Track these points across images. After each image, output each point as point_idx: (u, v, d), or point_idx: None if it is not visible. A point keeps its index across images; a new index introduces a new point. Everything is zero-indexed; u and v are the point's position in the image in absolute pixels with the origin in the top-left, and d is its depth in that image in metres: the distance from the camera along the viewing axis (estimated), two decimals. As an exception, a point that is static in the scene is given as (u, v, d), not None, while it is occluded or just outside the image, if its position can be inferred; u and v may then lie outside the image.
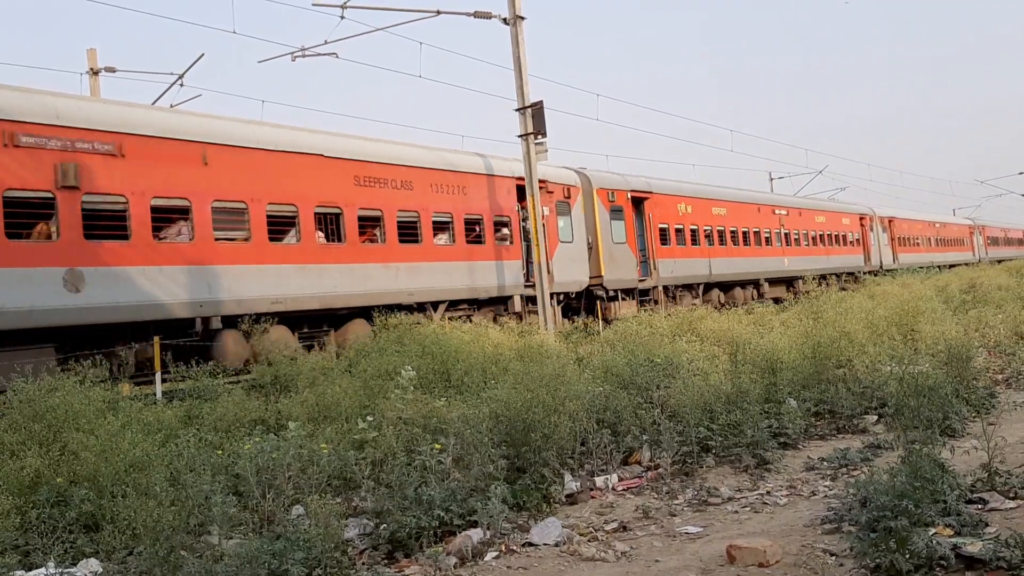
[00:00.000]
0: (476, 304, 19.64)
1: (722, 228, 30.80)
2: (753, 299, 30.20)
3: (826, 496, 7.18)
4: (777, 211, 35.53)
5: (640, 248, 25.75)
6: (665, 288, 26.57)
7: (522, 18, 18.91)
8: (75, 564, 6.05)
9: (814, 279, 35.16)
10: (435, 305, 18.36)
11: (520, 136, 19.13)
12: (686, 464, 8.22)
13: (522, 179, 20.43)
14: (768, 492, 7.53)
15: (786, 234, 35.90)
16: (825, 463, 8.27)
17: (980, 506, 6.12)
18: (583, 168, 24.67)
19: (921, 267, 42.34)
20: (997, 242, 77.63)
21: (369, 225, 17.47)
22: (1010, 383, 11.98)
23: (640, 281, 25.12)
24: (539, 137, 19.13)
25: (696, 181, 32.66)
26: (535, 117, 18.95)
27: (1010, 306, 17.94)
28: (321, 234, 16.42)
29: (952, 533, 5.42)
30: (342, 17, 18.68)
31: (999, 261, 61.10)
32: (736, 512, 7.03)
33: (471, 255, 19.48)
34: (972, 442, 7.35)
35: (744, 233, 32.41)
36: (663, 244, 26.75)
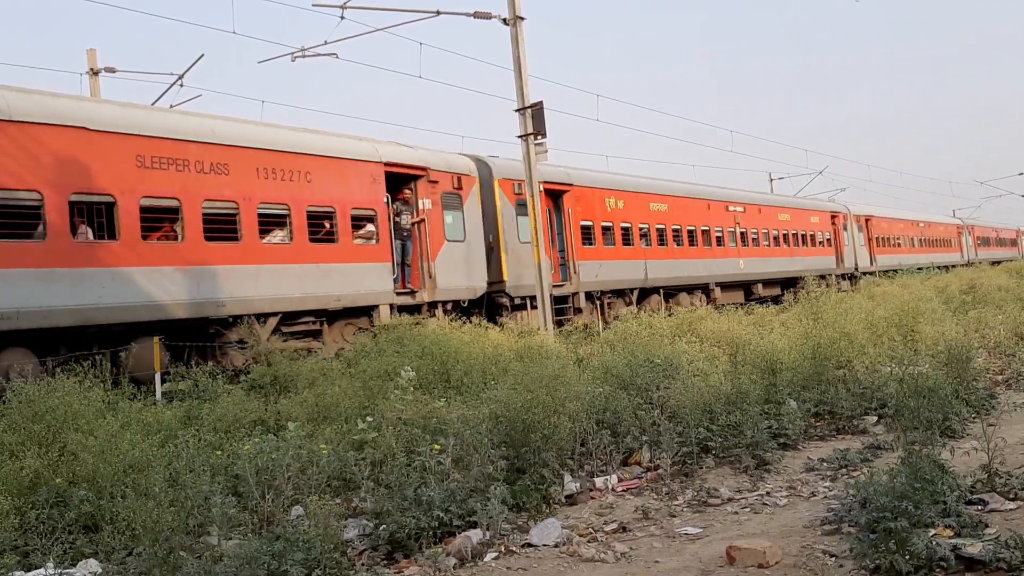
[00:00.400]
0: (326, 317, 16.26)
1: (662, 226, 27.30)
2: (702, 306, 25.35)
3: (826, 497, 7.17)
4: (731, 207, 32.04)
5: (560, 249, 22.52)
6: (589, 295, 23.11)
7: (522, 18, 18.90)
8: (74, 565, 6.05)
9: (776, 283, 33.09)
10: (262, 318, 14.99)
11: (520, 137, 19.12)
12: (686, 465, 8.21)
13: (394, 165, 17.96)
14: (768, 493, 7.53)
15: (742, 233, 32.42)
16: (825, 464, 8.26)
17: (980, 507, 6.12)
18: (484, 155, 21.42)
19: (901, 270, 39.78)
20: (988, 243, 74.54)
21: (161, 218, 14.05)
22: (1010, 384, 11.98)
23: (556, 287, 21.35)
24: (539, 138, 19.12)
25: (633, 173, 28.51)
26: (535, 118, 18.94)
27: (1010, 307, 17.93)
28: (88, 230, 13.16)
29: (952, 534, 5.42)
30: (342, 17, 18.67)
31: (994, 263, 58.50)
32: (736, 513, 7.02)
33: (317, 256, 16.04)
34: (972, 443, 7.34)
35: (690, 232, 28.99)
36: (586, 244, 23.36)
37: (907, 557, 4.95)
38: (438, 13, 19.02)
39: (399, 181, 18.36)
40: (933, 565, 4.96)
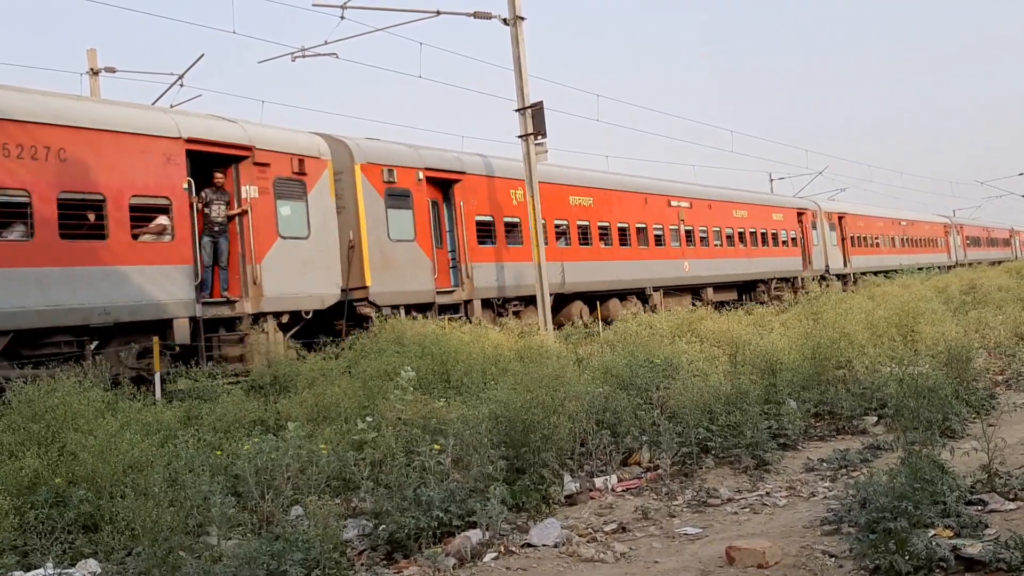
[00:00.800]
0: (92, 335, 12.61)
1: (585, 223, 23.98)
2: (640, 313, 21.09)
3: (825, 497, 7.17)
4: (674, 202, 28.60)
5: (450, 249, 19.50)
6: (487, 302, 19.92)
7: (522, 19, 18.92)
8: (74, 565, 6.04)
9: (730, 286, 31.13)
10: None
11: (520, 137, 19.12)
12: (686, 465, 8.21)
13: (200, 142, 14.21)
14: (767, 493, 7.52)
15: (687, 231, 29.00)
16: (825, 464, 8.26)
17: (980, 507, 6.11)
18: (343, 135, 17.88)
19: (879, 271, 37.16)
20: (979, 242, 70.21)
21: None
22: (1010, 384, 11.97)
23: (443, 293, 18.61)
24: (539, 138, 19.13)
25: (551, 163, 22.70)
26: (535, 118, 18.95)
27: (1010, 307, 17.93)
28: None
29: (952, 534, 5.41)
30: (342, 17, 18.69)
31: (996, 263, 55.52)
32: (735, 513, 7.02)
33: (70, 258, 12.17)
34: (972, 443, 7.33)
35: (621, 230, 25.59)
36: (484, 243, 20.17)
37: (907, 557, 4.95)
38: (438, 13, 19.04)
39: (211, 163, 14.71)
40: (933, 565, 4.96)
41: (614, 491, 7.78)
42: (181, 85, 22.61)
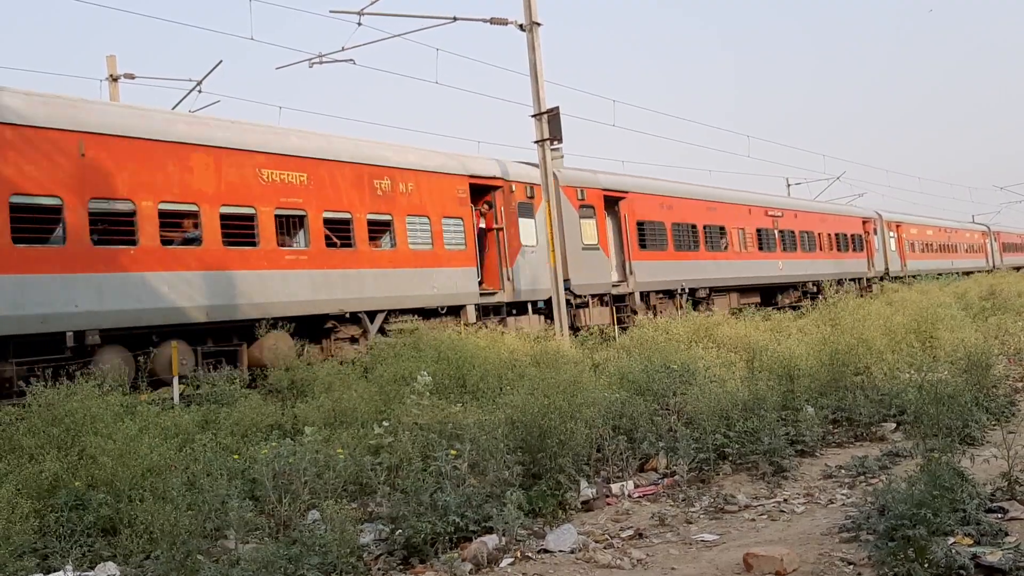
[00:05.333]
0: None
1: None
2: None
3: (844, 504, 7.13)
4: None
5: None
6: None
7: (538, 24, 18.92)
8: (93, 568, 6.08)
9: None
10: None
11: (536, 142, 19.13)
12: (703, 471, 8.18)
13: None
14: (785, 500, 7.49)
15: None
16: (843, 471, 8.22)
17: (1000, 515, 6.07)
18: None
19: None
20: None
21: None
22: (1030, 391, 11.87)
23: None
24: (555, 143, 19.12)
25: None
26: (551, 123, 18.93)
27: (1030, 313, 17.80)
28: None
29: (971, 542, 5.38)
30: (359, 24, 18.72)
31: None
32: (753, 520, 6.99)
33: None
34: (992, 450, 7.28)
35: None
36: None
37: (926, 565, 4.92)
38: (455, 19, 19.08)
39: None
40: (952, 573, 4.93)
41: (631, 497, 7.76)
42: (199, 91, 22.79)
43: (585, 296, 21.37)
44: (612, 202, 23.49)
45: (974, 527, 5.58)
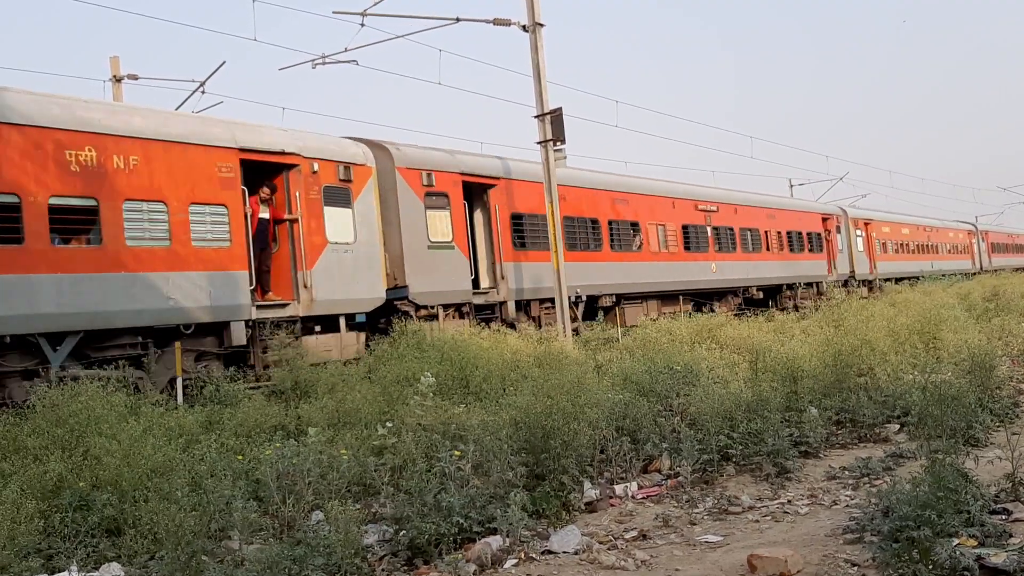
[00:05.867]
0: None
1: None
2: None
3: (847, 506, 7.13)
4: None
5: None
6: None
7: (541, 25, 18.92)
8: (97, 568, 6.09)
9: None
10: None
11: (539, 143, 19.13)
12: (706, 472, 8.18)
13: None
14: (789, 501, 7.49)
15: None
16: (847, 472, 8.21)
17: (1004, 516, 6.07)
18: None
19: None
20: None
21: None
22: (1034, 392, 11.86)
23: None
24: (558, 144, 19.12)
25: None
26: (554, 124, 18.93)
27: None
28: None
29: (976, 544, 5.38)
30: (362, 25, 18.73)
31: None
32: (757, 521, 6.99)
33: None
34: (996, 452, 7.27)
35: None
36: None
37: (930, 567, 4.92)
38: (457, 20, 19.08)
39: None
40: (956, 575, 4.92)
41: (634, 498, 7.77)
42: (203, 92, 22.77)
43: (434, 306, 17.16)
44: (480, 191, 19.42)
45: (978, 528, 5.57)
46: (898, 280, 39.22)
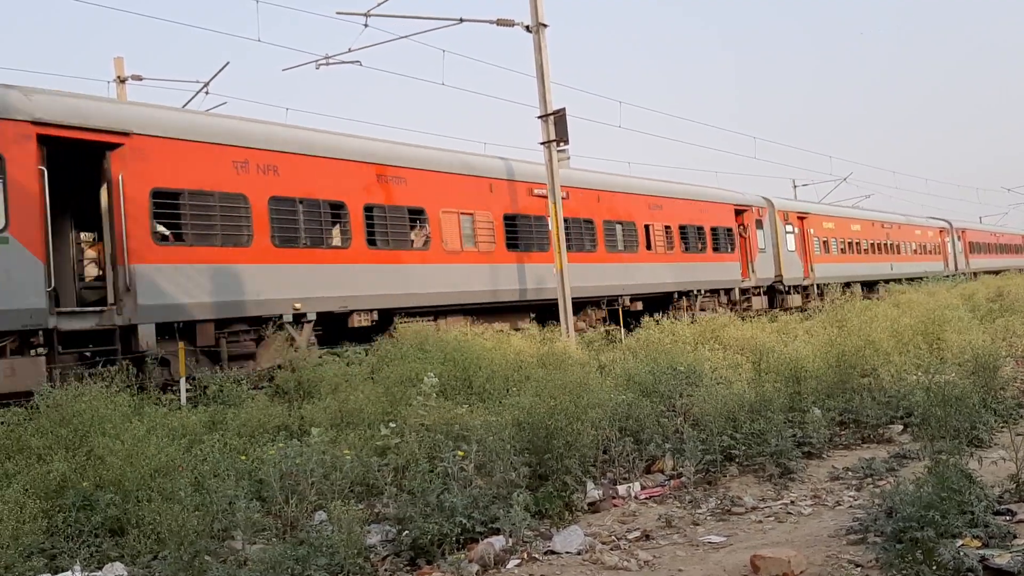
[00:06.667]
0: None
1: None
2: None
3: (851, 506, 7.12)
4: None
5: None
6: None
7: (545, 26, 18.94)
8: (101, 568, 6.10)
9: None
10: None
11: (542, 143, 19.14)
12: (709, 473, 8.17)
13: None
14: (792, 502, 7.48)
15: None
16: (850, 473, 8.20)
17: (1008, 517, 6.05)
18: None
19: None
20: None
21: None
22: (1038, 393, 11.82)
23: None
24: (561, 144, 19.13)
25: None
26: (557, 124, 18.95)
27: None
28: None
29: (980, 544, 5.36)
30: (365, 25, 18.79)
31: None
32: (760, 522, 6.98)
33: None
34: (1000, 452, 7.26)
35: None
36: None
37: (934, 568, 4.91)
38: (461, 20, 19.10)
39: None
40: (960, 576, 4.91)
41: (637, 499, 7.76)
42: (207, 92, 22.86)
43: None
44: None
45: (982, 529, 5.56)
46: (847, 285, 35.25)
